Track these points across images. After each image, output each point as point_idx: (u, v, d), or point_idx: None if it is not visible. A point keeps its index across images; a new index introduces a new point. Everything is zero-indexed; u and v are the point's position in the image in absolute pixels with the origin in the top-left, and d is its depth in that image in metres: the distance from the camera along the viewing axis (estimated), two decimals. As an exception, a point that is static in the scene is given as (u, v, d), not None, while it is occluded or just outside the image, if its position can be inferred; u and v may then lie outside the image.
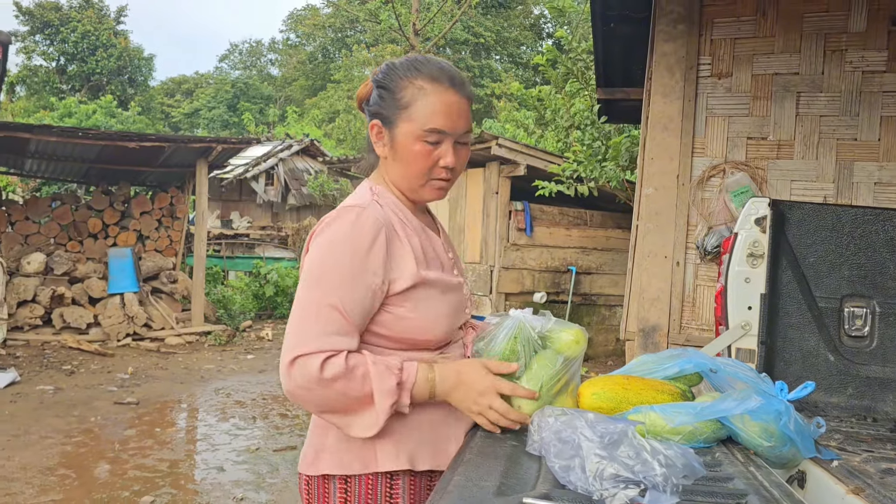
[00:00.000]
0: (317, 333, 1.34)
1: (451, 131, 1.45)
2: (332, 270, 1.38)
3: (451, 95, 1.45)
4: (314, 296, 1.37)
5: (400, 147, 1.46)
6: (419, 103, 1.44)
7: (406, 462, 1.42)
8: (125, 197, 10.38)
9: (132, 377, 7.49)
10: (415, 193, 1.51)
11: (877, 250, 2.38)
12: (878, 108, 3.59)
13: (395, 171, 1.50)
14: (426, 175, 1.47)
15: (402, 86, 1.46)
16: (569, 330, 1.49)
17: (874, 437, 1.96)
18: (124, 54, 31.49)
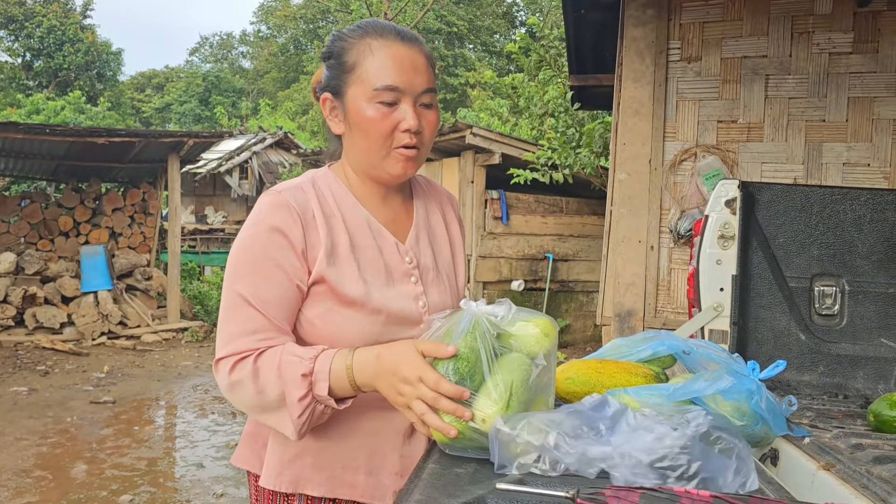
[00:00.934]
0: (232, 334, 1.24)
1: (406, 87, 1.27)
2: (244, 263, 1.27)
3: (401, 47, 1.29)
4: (229, 292, 1.26)
5: (353, 115, 1.29)
6: (367, 61, 1.27)
7: (289, 485, 1.30)
8: (96, 194, 10.22)
9: (108, 376, 7.40)
10: (378, 170, 1.32)
11: (845, 229, 2.41)
12: (844, 89, 3.63)
13: (354, 147, 1.33)
14: (387, 143, 1.28)
15: (347, 47, 1.30)
16: (536, 321, 1.22)
17: (845, 413, 1.99)
18: (92, 49, 30.94)
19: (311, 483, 1.31)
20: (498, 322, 1.18)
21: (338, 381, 1.20)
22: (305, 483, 1.30)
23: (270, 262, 1.25)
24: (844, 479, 1.40)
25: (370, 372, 1.18)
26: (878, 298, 2.39)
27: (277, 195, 1.28)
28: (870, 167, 3.60)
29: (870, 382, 2.32)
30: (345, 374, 1.19)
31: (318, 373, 1.20)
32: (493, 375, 1.14)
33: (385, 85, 1.26)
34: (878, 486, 1.32)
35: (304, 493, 1.31)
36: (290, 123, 22.61)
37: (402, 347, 1.18)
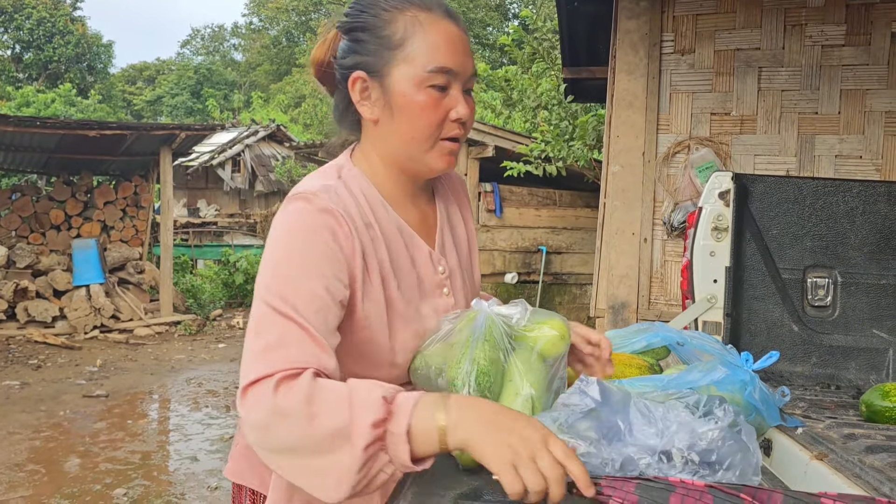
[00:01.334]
0: (271, 352, 1.00)
1: (459, 70, 1.13)
2: (285, 273, 1.06)
3: (451, 25, 1.14)
4: (265, 306, 1.04)
5: (399, 99, 1.12)
6: (417, 38, 1.11)
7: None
8: (87, 187, 10.17)
9: (101, 370, 7.39)
10: (419, 163, 1.17)
11: (838, 221, 2.42)
12: (837, 81, 3.64)
13: (393, 136, 1.15)
14: (435, 134, 1.14)
15: (390, 19, 1.13)
16: (551, 322, 1.14)
17: (837, 403, 2.00)
18: (82, 41, 30.74)
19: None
20: (513, 325, 1.11)
21: (422, 429, 0.92)
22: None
23: (318, 273, 1.05)
24: (837, 469, 1.41)
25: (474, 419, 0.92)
26: (871, 290, 2.40)
27: (313, 199, 1.09)
28: (862, 159, 3.62)
29: (862, 373, 2.33)
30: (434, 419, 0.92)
31: (400, 405, 0.93)
32: (514, 383, 1.07)
33: (439, 66, 1.11)
34: (870, 476, 1.33)
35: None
36: (282, 116, 22.54)
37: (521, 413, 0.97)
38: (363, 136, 1.22)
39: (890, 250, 2.40)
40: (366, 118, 1.17)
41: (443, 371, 1.12)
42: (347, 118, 1.22)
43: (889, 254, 2.40)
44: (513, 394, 1.08)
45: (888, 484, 1.27)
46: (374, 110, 1.15)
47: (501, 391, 1.09)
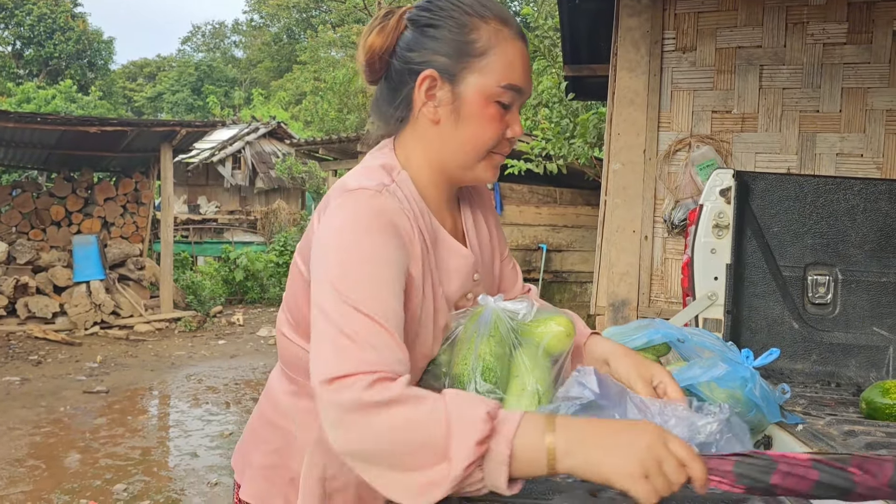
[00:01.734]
0: (358, 348, 0.93)
1: (526, 91, 1.13)
2: (354, 269, 0.99)
3: (524, 47, 1.12)
4: (342, 303, 0.96)
5: (469, 107, 1.09)
6: (497, 51, 1.09)
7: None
8: (88, 183, 10.17)
9: (101, 366, 7.39)
10: (468, 171, 1.15)
11: (838, 219, 2.42)
12: (838, 79, 3.64)
13: (452, 142, 1.12)
14: (491, 147, 1.13)
15: (475, 26, 1.09)
16: (557, 319, 1.13)
17: (837, 401, 2.01)
18: (83, 37, 30.72)
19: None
20: (520, 320, 1.09)
21: (528, 446, 0.85)
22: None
23: (392, 274, 1.01)
24: (837, 465, 1.41)
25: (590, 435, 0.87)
26: (871, 287, 2.40)
27: (377, 195, 1.05)
28: (863, 157, 3.61)
29: (862, 370, 2.34)
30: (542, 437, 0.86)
31: (503, 422, 0.86)
32: (520, 378, 1.06)
33: (512, 84, 1.10)
34: (870, 472, 1.33)
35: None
36: (283, 113, 22.54)
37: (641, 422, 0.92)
38: (410, 135, 1.16)
39: (891, 248, 2.40)
40: (427, 118, 1.12)
41: (450, 367, 1.11)
42: (392, 113, 1.16)
43: (890, 252, 2.40)
44: (519, 389, 1.07)
45: (888, 480, 1.27)
46: (437, 112, 1.11)
47: (508, 386, 1.07)
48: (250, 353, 8.33)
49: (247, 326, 10.04)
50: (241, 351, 8.45)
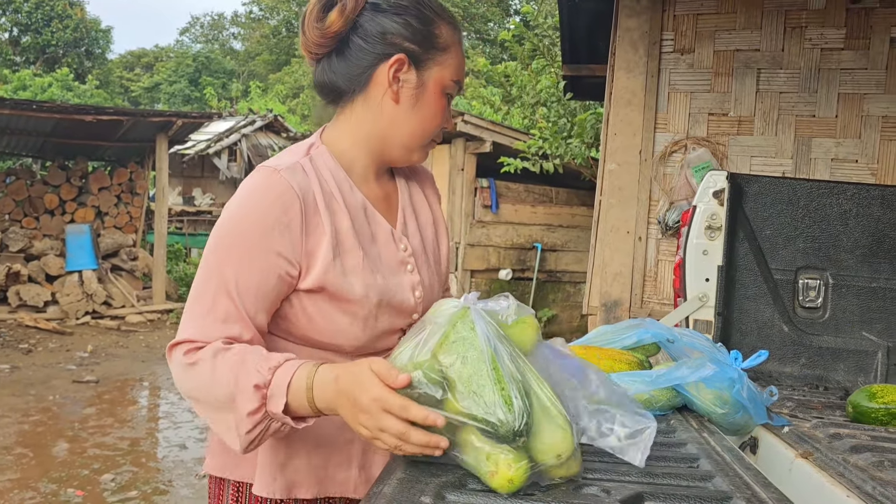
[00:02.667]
0: (198, 319, 1.13)
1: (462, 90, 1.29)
2: (230, 244, 1.14)
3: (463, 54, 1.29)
4: (204, 273, 1.15)
5: (428, 95, 1.21)
6: (454, 49, 1.23)
7: (282, 491, 1.21)
8: (82, 172, 10.13)
9: (91, 355, 7.37)
10: (407, 153, 1.27)
11: (830, 223, 2.43)
12: (835, 85, 3.65)
13: (404, 124, 1.22)
14: (433, 133, 1.26)
15: (438, 24, 1.22)
16: (526, 319, 1.12)
17: (825, 404, 2.01)
18: (80, 26, 30.56)
19: (303, 486, 1.22)
20: (502, 320, 1.08)
21: (297, 399, 1.05)
22: (298, 487, 1.22)
23: (261, 248, 1.12)
24: (821, 467, 1.41)
25: (329, 395, 1.04)
26: (861, 292, 2.41)
27: (275, 174, 1.15)
28: (858, 163, 3.62)
29: (850, 375, 2.34)
30: (304, 393, 1.05)
31: (276, 387, 1.05)
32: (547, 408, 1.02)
33: (459, 80, 1.25)
34: (853, 475, 1.34)
35: (296, 498, 1.22)
36: (280, 106, 22.47)
37: (358, 368, 1.01)
38: (357, 110, 1.24)
39: (882, 253, 2.41)
40: (386, 97, 1.21)
41: (456, 373, 1.03)
42: (346, 87, 1.23)
43: (881, 257, 2.40)
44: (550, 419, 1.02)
45: (870, 483, 1.28)
46: (395, 93, 1.20)
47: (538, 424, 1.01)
48: (242, 346, 8.32)
49: (239, 319, 10.03)
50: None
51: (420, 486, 0.99)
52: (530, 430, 0.99)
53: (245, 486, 1.26)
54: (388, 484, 0.99)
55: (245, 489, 1.26)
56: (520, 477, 0.98)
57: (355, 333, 1.20)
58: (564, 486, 1.04)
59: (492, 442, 1.00)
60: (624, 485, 1.06)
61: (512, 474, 0.98)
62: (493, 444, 1.00)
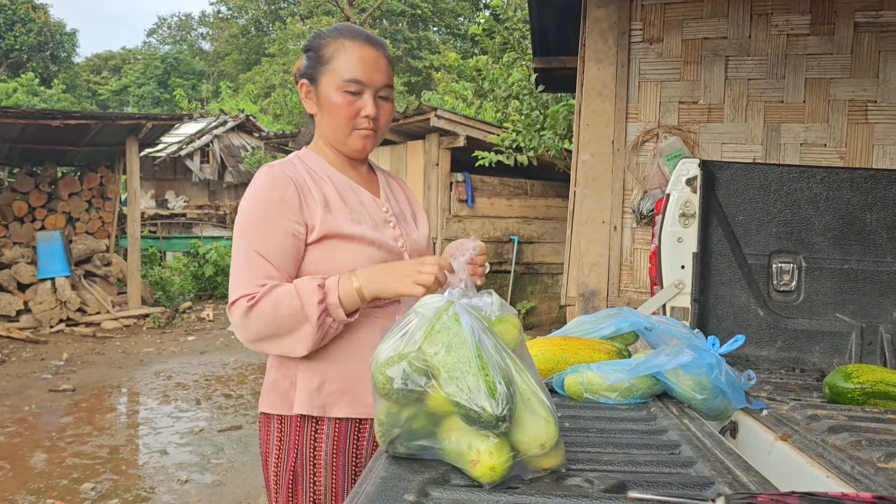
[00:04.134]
0: (244, 279, 1.46)
1: (368, 82, 1.56)
2: (252, 221, 1.50)
3: (368, 50, 1.58)
4: (239, 246, 1.50)
5: (324, 99, 1.57)
6: (340, 57, 1.56)
7: (318, 409, 1.52)
8: (51, 178, 9.95)
9: (67, 363, 7.26)
10: (343, 144, 1.61)
11: (802, 207, 2.46)
12: (802, 70, 3.69)
13: (324, 125, 1.61)
14: (350, 125, 1.57)
15: (325, 44, 1.58)
16: (507, 317, 1.16)
17: (801, 386, 2.04)
18: (45, 29, 30.02)
19: (336, 406, 1.52)
20: (485, 316, 1.11)
21: (346, 292, 1.44)
22: (332, 406, 1.52)
23: (275, 218, 1.49)
24: (800, 449, 1.43)
25: (375, 274, 1.44)
26: (834, 274, 2.44)
27: (273, 167, 1.55)
28: (826, 147, 3.67)
29: (825, 356, 2.38)
30: (350, 284, 1.44)
31: (329, 286, 1.44)
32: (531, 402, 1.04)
33: (351, 78, 1.55)
34: (832, 455, 1.35)
35: (331, 416, 1.52)
36: (251, 106, 22.26)
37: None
38: (316, 126, 1.66)
39: (852, 235, 2.44)
40: (308, 111, 1.65)
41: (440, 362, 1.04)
42: (311, 118, 1.67)
43: (851, 239, 2.44)
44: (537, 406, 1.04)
45: (849, 462, 1.29)
46: (313, 106, 1.62)
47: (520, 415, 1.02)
48: (220, 349, 8.25)
49: (217, 322, 9.93)
50: (211, 347, 8.36)
51: (403, 483, 0.98)
52: (513, 416, 1.00)
53: (286, 418, 1.55)
54: (371, 482, 0.99)
55: (286, 421, 1.55)
56: (502, 465, 0.99)
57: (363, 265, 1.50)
58: (547, 477, 1.04)
59: (474, 430, 1.00)
60: (607, 474, 1.07)
61: (494, 462, 0.98)
62: (475, 432, 1.00)
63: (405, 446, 1.07)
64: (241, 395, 6.24)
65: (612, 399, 1.57)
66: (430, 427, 1.05)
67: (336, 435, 1.54)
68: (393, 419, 1.06)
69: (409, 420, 1.05)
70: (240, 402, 5.99)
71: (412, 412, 1.05)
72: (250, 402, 5.98)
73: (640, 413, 1.48)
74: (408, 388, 1.02)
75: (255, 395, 6.26)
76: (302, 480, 1.53)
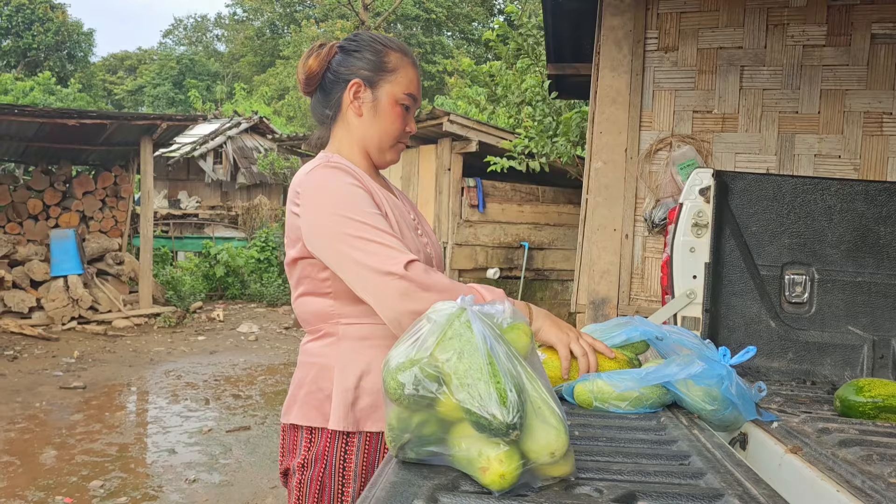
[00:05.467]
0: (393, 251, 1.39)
1: (418, 101, 1.64)
2: (348, 207, 1.44)
3: (417, 71, 1.65)
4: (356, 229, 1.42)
5: (382, 106, 1.59)
6: (402, 70, 1.60)
7: (353, 425, 1.52)
8: (66, 177, 10.04)
9: (78, 361, 7.31)
10: (381, 154, 1.63)
11: (815, 219, 2.45)
12: (817, 81, 3.68)
13: (370, 131, 1.60)
14: (398, 137, 1.62)
15: (387, 52, 1.60)
16: (520, 326, 1.15)
17: (812, 399, 2.03)
18: (62, 29, 30.30)
19: (370, 421, 1.52)
20: (497, 323, 1.09)
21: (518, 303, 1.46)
22: (365, 421, 1.52)
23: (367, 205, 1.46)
24: (811, 462, 1.42)
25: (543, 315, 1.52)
26: (846, 287, 2.43)
27: (330, 163, 1.52)
28: (840, 159, 3.66)
29: (837, 369, 2.36)
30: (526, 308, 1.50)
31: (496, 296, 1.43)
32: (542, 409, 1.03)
33: (411, 93, 1.61)
34: (842, 468, 1.35)
35: (363, 431, 1.52)
36: (265, 108, 22.39)
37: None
38: (340, 129, 1.63)
39: (866, 248, 2.43)
40: (353, 113, 1.60)
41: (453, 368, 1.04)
42: (326, 112, 1.63)
43: (865, 251, 2.43)
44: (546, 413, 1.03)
45: (860, 477, 1.29)
46: (360, 108, 1.60)
47: (531, 423, 1.02)
48: (230, 350, 8.28)
49: (227, 322, 9.97)
50: (221, 347, 8.40)
51: (413, 489, 0.99)
52: (524, 424, 1.00)
53: (317, 430, 1.54)
54: (381, 487, 0.99)
55: (317, 433, 1.54)
56: (512, 473, 0.99)
57: None
58: (557, 486, 1.04)
59: (485, 437, 1.00)
60: (616, 484, 1.07)
61: (504, 470, 0.98)
62: (486, 439, 1.00)
63: (415, 452, 1.08)
64: (250, 395, 6.26)
65: (621, 408, 1.56)
66: (440, 433, 1.05)
67: (367, 448, 1.54)
68: (403, 424, 1.07)
69: (419, 426, 1.06)
70: (248, 403, 6.01)
71: (423, 418, 1.05)
72: (259, 403, 6.00)
73: (649, 423, 1.48)
74: (419, 394, 1.03)
75: (264, 395, 6.28)
76: (329, 492, 1.53)
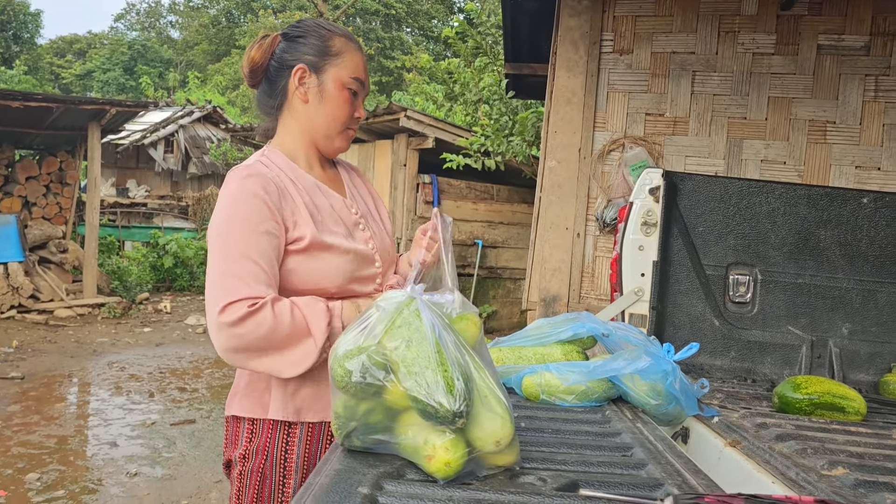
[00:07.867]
0: (237, 284, 1.36)
1: (366, 87, 1.60)
2: (236, 225, 1.41)
3: (363, 56, 1.61)
4: (222, 252, 1.40)
5: (328, 91, 1.55)
6: (348, 55, 1.56)
7: (293, 415, 1.50)
8: (8, 160, 9.71)
9: (17, 351, 7.08)
10: (329, 141, 1.59)
11: (760, 221, 2.52)
12: (766, 88, 3.78)
13: (316, 117, 1.56)
14: (345, 123, 1.57)
15: (331, 37, 1.56)
16: (471, 316, 1.15)
17: (752, 395, 2.08)
18: (7, 8, 29.28)
19: (310, 411, 1.51)
20: (446, 313, 1.11)
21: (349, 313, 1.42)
22: (306, 411, 1.50)
23: (258, 224, 1.41)
24: (748, 455, 1.46)
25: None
26: (787, 288, 2.50)
27: (247, 169, 1.47)
28: (786, 164, 3.76)
29: (777, 367, 2.43)
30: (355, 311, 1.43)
31: (335, 308, 1.42)
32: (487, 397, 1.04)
33: (359, 77, 1.57)
34: (778, 461, 1.39)
35: (305, 421, 1.51)
36: (219, 98, 22.00)
37: None
38: (287, 117, 1.59)
39: (807, 251, 2.50)
40: (299, 100, 1.56)
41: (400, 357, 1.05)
42: (272, 102, 1.59)
43: (806, 254, 2.50)
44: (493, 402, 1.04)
45: (794, 469, 1.33)
46: (305, 94, 1.55)
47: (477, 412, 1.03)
48: (177, 342, 8.12)
49: (174, 314, 9.77)
50: (168, 339, 8.23)
51: (358, 476, 0.98)
52: (470, 412, 1.01)
53: (258, 421, 1.52)
54: (325, 475, 0.98)
55: (258, 424, 1.52)
56: (457, 461, 0.99)
57: (334, 276, 1.49)
58: (501, 475, 1.05)
59: (431, 426, 1.01)
60: (560, 473, 1.08)
61: (449, 458, 0.99)
62: (432, 427, 1.01)
63: (361, 440, 1.07)
64: (196, 388, 6.15)
65: (568, 401, 1.59)
66: (386, 421, 1.05)
67: (308, 439, 1.52)
68: (350, 412, 1.06)
69: (366, 414, 1.05)
70: (194, 396, 5.90)
71: (370, 406, 1.05)
72: (205, 396, 5.90)
73: (594, 416, 1.50)
74: (366, 382, 1.02)
75: (210, 389, 6.18)
76: (270, 483, 1.51)
